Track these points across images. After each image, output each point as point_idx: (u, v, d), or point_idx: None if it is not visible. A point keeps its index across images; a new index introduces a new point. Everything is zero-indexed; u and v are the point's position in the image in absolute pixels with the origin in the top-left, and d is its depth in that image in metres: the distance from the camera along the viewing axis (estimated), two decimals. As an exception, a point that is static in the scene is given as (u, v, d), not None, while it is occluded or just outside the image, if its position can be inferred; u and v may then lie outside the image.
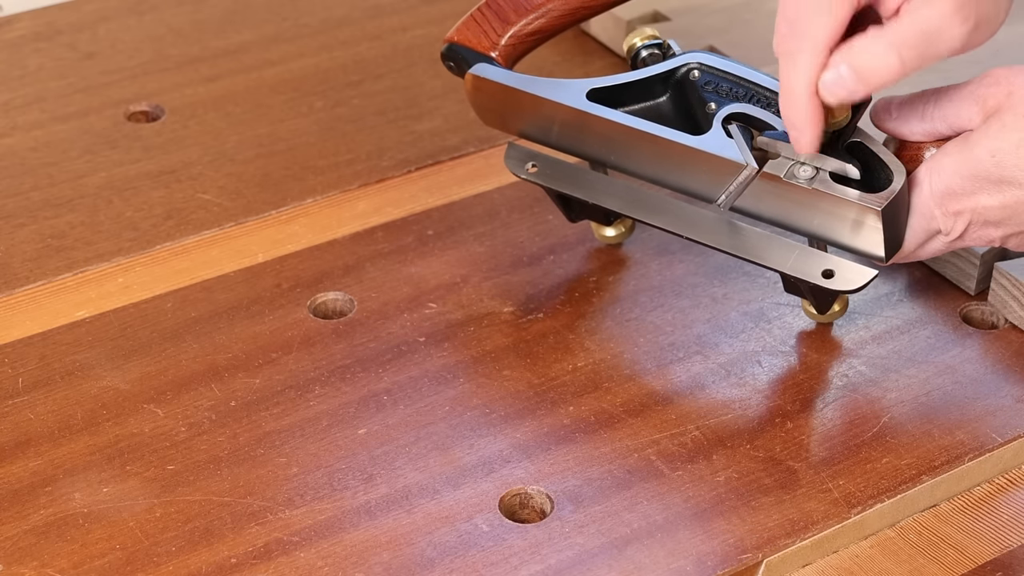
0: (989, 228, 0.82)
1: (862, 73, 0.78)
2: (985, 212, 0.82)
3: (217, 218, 0.97)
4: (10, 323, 0.89)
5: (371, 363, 0.87)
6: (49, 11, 1.15)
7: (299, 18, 1.15)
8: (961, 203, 0.82)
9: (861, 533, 0.80)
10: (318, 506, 0.78)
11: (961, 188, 0.81)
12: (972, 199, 0.81)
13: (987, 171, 0.80)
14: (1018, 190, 0.80)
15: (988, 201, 0.81)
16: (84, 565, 0.75)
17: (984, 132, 0.81)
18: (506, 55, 0.90)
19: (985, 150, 0.80)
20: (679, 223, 0.87)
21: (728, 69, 0.86)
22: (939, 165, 0.82)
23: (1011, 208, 0.81)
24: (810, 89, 0.79)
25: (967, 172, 0.81)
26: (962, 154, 0.81)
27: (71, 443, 0.81)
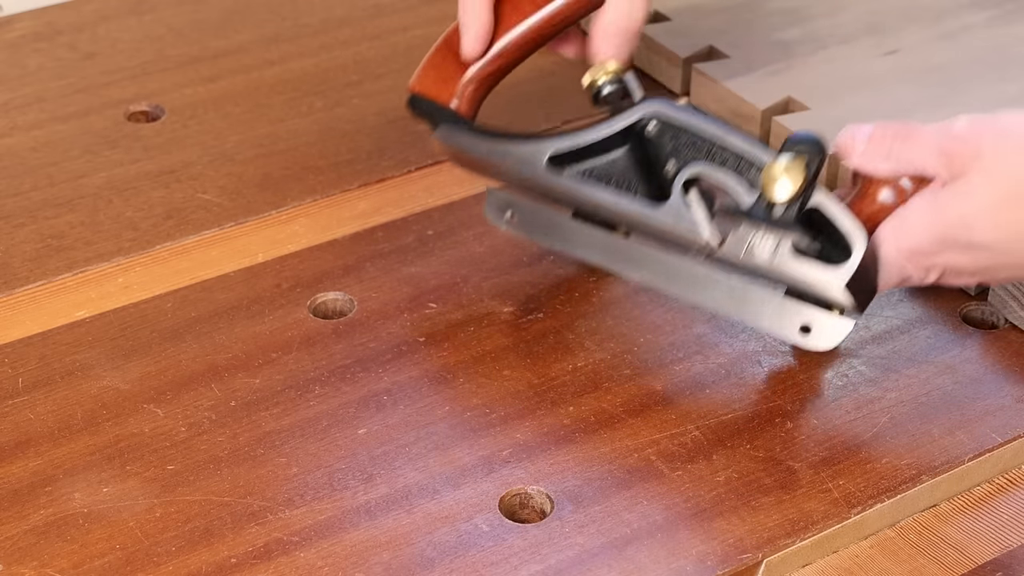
0: (964, 277, 0.82)
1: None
2: (957, 267, 0.81)
3: (217, 218, 0.97)
4: (10, 323, 0.89)
5: (371, 363, 0.87)
6: (49, 11, 1.15)
7: (299, 18, 1.15)
8: (932, 260, 0.81)
9: (861, 533, 0.80)
10: (318, 506, 0.78)
11: (931, 248, 0.80)
12: (943, 256, 0.81)
13: (956, 235, 0.79)
14: (989, 252, 0.79)
15: (960, 259, 0.80)
16: (84, 565, 0.75)
17: (953, 195, 0.79)
18: (469, 99, 0.90)
19: (955, 214, 0.79)
20: (656, 276, 0.87)
21: (686, 122, 0.84)
22: (907, 224, 0.81)
23: (983, 265, 0.81)
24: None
25: (936, 234, 0.80)
26: (931, 215, 0.80)
27: (71, 443, 0.81)
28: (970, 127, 0.79)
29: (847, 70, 1.06)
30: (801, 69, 1.05)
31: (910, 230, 0.81)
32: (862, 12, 1.12)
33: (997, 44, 1.09)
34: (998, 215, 0.78)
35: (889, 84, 1.04)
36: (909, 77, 1.05)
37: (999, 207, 0.78)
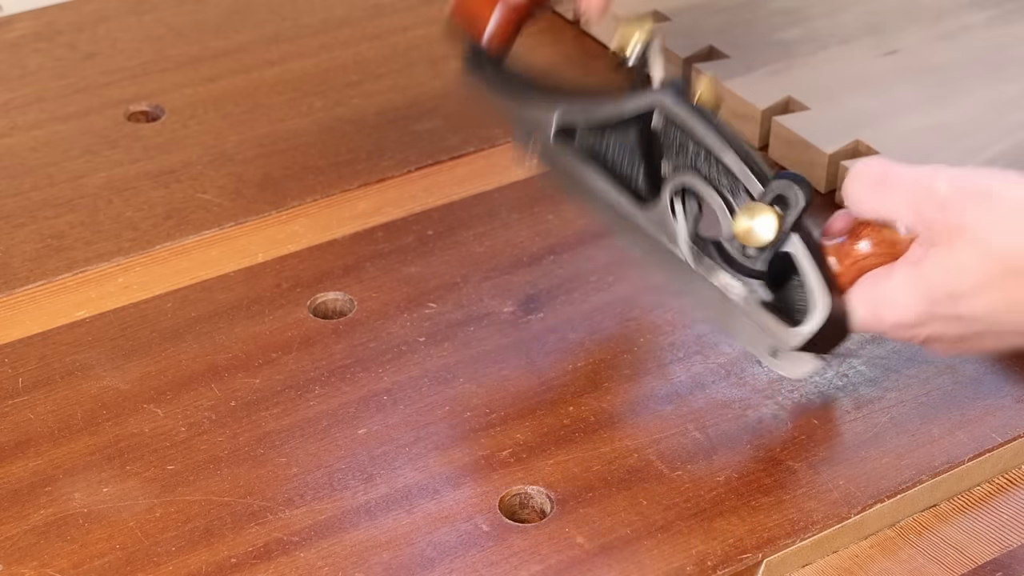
0: (949, 344, 0.79)
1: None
2: (944, 336, 0.78)
3: (217, 218, 0.97)
4: (10, 323, 0.89)
5: (371, 363, 0.87)
6: (49, 11, 1.15)
7: (299, 18, 1.15)
8: (916, 331, 0.78)
9: (861, 533, 0.80)
10: (318, 506, 0.78)
11: (916, 320, 0.77)
12: (928, 328, 0.77)
13: (945, 310, 0.76)
14: (979, 323, 0.76)
15: (947, 329, 0.77)
16: (84, 565, 0.75)
17: (940, 269, 0.76)
18: (501, 33, 0.87)
19: (943, 291, 0.76)
20: (653, 258, 0.85)
21: (689, 125, 0.81)
22: (889, 298, 0.77)
23: (971, 333, 0.77)
24: None
25: (923, 310, 0.77)
26: (916, 291, 0.76)
27: (71, 443, 0.81)
28: (953, 194, 0.75)
29: (847, 70, 1.06)
30: (801, 69, 1.05)
31: (893, 304, 0.77)
32: (862, 12, 1.12)
33: (997, 44, 1.09)
34: (991, 292, 0.75)
35: (889, 84, 1.04)
36: (909, 77, 1.05)
37: (991, 283, 0.75)
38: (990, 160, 0.97)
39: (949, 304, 0.76)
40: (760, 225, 0.77)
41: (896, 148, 0.98)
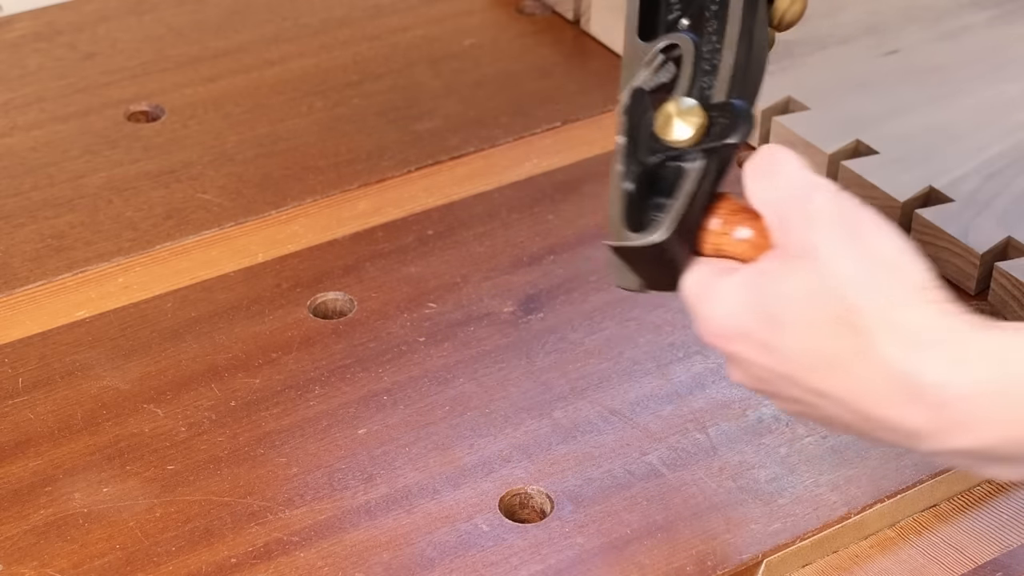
0: (750, 374, 0.71)
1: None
2: (748, 363, 0.70)
3: (217, 218, 0.97)
4: (10, 323, 0.89)
5: (371, 363, 0.87)
6: (49, 11, 1.15)
7: (299, 18, 1.15)
8: (724, 341, 0.70)
9: (861, 533, 0.80)
10: (318, 506, 0.78)
11: (729, 330, 0.70)
12: (737, 345, 0.70)
13: (760, 333, 0.68)
14: (786, 367, 0.68)
15: (754, 356, 0.69)
16: (84, 565, 0.75)
17: (773, 286, 0.68)
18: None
19: (765, 311, 0.68)
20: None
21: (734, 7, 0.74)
22: (718, 294, 0.70)
23: (772, 377, 0.69)
24: None
25: (740, 324, 0.69)
26: (744, 302, 0.69)
27: (71, 443, 0.81)
28: (824, 214, 0.68)
29: (847, 70, 1.06)
30: (801, 69, 1.05)
31: (717, 303, 0.70)
32: (862, 12, 1.12)
33: (997, 44, 1.09)
34: (811, 334, 0.66)
35: (889, 84, 1.04)
36: (909, 77, 1.05)
37: (815, 324, 0.66)
38: (990, 160, 0.97)
39: (766, 328, 0.68)
40: (680, 124, 0.72)
41: (896, 148, 0.98)
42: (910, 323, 0.65)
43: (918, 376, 0.64)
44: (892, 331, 0.65)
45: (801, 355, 0.67)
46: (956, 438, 0.65)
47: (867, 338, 0.65)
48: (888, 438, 0.68)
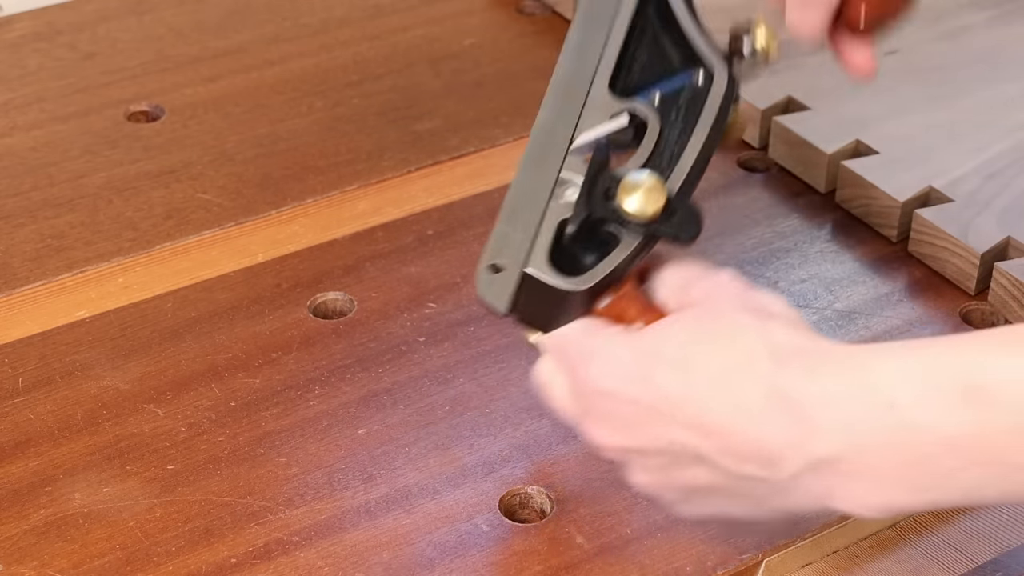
0: (612, 426, 0.71)
1: None
2: (603, 414, 0.71)
3: (217, 218, 0.97)
4: (10, 323, 0.89)
5: (371, 363, 0.87)
6: (49, 11, 1.15)
7: (299, 18, 1.15)
8: (582, 388, 0.71)
9: (861, 533, 0.80)
10: (318, 506, 0.78)
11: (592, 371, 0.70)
12: (593, 402, 0.71)
13: (645, 368, 0.69)
14: (665, 405, 0.68)
15: (608, 406, 0.70)
16: (84, 565, 0.75)
17: (654, 330, 0.70)
18: None
19: (650, 347, 0.69)
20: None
21: (711, 120, 0.75)
22: (597, 345, 0.71)
23: (643, 420, 0.69)
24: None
25: (628, 366, 0.70)
26: (625, 345, 0.70)
27: (71, 443, 0.81)
28: (726, 288, 0.71)
29: (847, 70, 1.06)
30: (801, 69, 1.05)
31: (594, 351, 0.71)
32: (862, 12, 1.11)
33: (997, 44, 1.09)
34: (689, 376, 0.68)
35: (889, 84, 1.04)
36: (909, 77, 1.05)
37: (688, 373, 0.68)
38: (990, 160, 0.97)
39: (649, 363, 0.69)
40: (642, 199, 0.72)
41: (896, 148, 0.98)
42: (780, 341, 0.67)
43: (784, 387, 0.66)
44: (768, 350, 0.67)
45: (682, 385, 0.68)
46: (813, 446, 0.65)
47: (748, 358, 0.67)
48: (749, 474, 0.67)
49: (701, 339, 0.69)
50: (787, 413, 0.66)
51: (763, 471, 0.67)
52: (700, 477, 0.69)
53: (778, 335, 0.68)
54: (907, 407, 0.63)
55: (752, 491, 0.68)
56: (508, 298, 0.73)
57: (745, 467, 0.67)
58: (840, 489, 0.66)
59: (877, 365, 0.65)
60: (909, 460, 0.64)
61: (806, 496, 0.67)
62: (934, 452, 0.63)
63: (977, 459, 0.63)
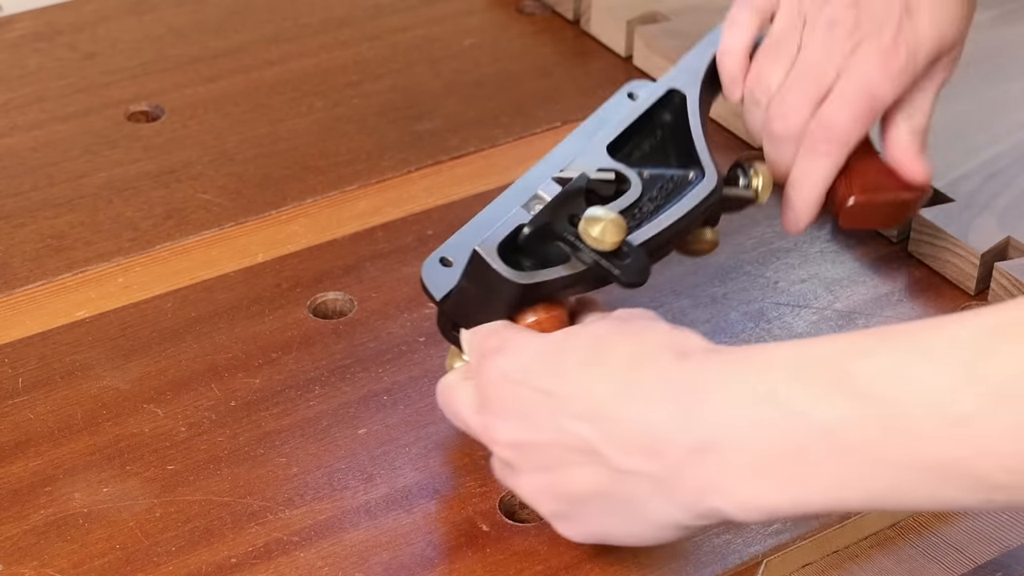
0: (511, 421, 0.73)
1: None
2: (499, 401, 0.73)
3: (217, 218, 0.97)
4: (10, 323, 0.89)
5: (371, 363, 0.87)
6: (49, 11, 1.15)
7: (299, 18, 1.15)
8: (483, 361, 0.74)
9: (861, 533, 0.80)
10: (318, 506, 0.78)
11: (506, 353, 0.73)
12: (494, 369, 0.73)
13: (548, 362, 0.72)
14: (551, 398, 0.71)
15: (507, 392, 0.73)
16: (84, 565, 0.75)
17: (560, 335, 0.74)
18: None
19: (556, 341, 0.73)
20: None
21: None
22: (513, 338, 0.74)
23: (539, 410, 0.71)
24: (825, 188, 0.84)
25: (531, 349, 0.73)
26: (536, 338, 0.74)
27: (71, 443, 0.81)
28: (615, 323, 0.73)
29: (847, 70, 1.05)
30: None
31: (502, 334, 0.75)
32: (862, 12, 1.11)
33: (997, 44, 1.09)
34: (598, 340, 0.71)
35: (889, 84, 1.04)
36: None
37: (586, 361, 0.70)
38: (990, 160, 0.97)
39: (561, 355, 0.71)
40: (604, 229, 0.75)
41: (896, 148, 0.98)
42: (689, 342, 0.70)
43: (679, 376, 0.68)
44: (674, 346, 0.69)
45: (587, 376, 0.70)
46: (696, 428, 0.66)
47: (652, 351, 0.69)
48: (634, 467, 0.68)
49: (611, 336, 0.71)
50: (676, 399, 0.66)
51: (648, 463, 0.67)
52: (584, 478, 0.69)
53: (690, 338, 0.70)
54: (784, 393, 0.64)
55: (635, 491, 0.68)
56: (443, 283, 0.78)
57: (631, 459, 0.67)
58: (719, 480, 0.65)
59: (765, 355, 0.66)
60: (783, 448, 0.64)
61: (687, 494, 0.67)
62: (806, 442, 0.63)
63: (843, 450, 0.63)
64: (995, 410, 0.60)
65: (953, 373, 0.61)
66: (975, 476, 0.61)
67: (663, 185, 0.81)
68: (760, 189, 0.85)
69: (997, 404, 0.60)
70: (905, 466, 0.62)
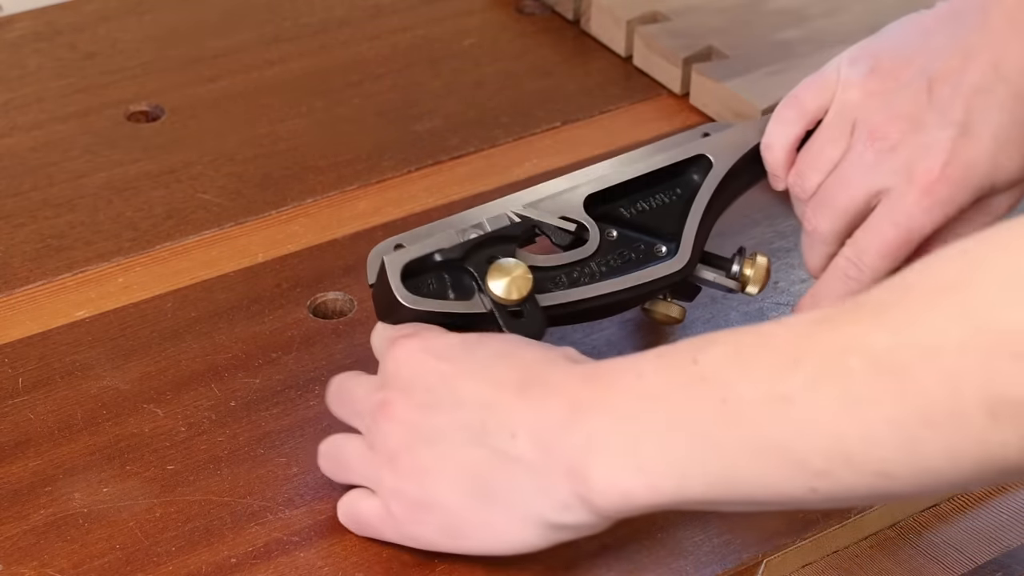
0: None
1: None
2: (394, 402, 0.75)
3: (217, 218, 0.97)
4: (10, 323, 0.89)
5: (371, 363, 0.86)
6: (49, 11, 1.15)
7: (299, 18, 1.15)
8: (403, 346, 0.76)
9: (861, 533, 0.80)
10: (318, 506, 0.78)
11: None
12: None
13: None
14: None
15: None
16: (84, 565, 0.75)
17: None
18: None
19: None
20: None
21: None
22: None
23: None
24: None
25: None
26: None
27: (71, 443, 0.81)
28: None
29: (847, 70, 1.05)
30: (801, 69, 1.05)
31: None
32: (862, 12, 1.12)
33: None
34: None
35: (889, 84, 1.04)
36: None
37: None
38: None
39: (476, 343, 0.74)
40: (504, 285, 0.78)
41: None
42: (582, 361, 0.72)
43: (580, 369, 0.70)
44: (576, 359, 0.73)
45: (498, 359, 0.72)
46: (581, 417, 0.68)
47: (558, 355, 0.72)
48: (516, 452, 0.70)
49: (521, 342, 0.74)
50: (567, 395, 0.69)
51: (531, 450, 0.69)
52: (464, 457, 0.71)
53: (584, 356, 0.73)
54: (646, 381, 0.66)
55: (510, 479, 0.70)
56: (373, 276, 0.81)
57: (516, 444, 0.69)
58: (584, 463, 0.67)
59: (641, 353, 0.68)
60: (641, 433, 0.66)
61: (556, 479, 0.68)
62: (656, 427, 0.65)
63: (688, 434, 0.65)
64: (816, 388, 0.61)
65: (783, 353, 0.62)
66: (796, 460, 0.62)
67: (624, 252, 0.82)
68: (749, 279, 0.84)
69: (818, 382, 0.61)
70: (737, 449, 0.63)
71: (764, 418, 0.62)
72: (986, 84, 0.76)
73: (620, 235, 0.83)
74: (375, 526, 0.75)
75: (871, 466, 0.60)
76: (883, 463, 0.60)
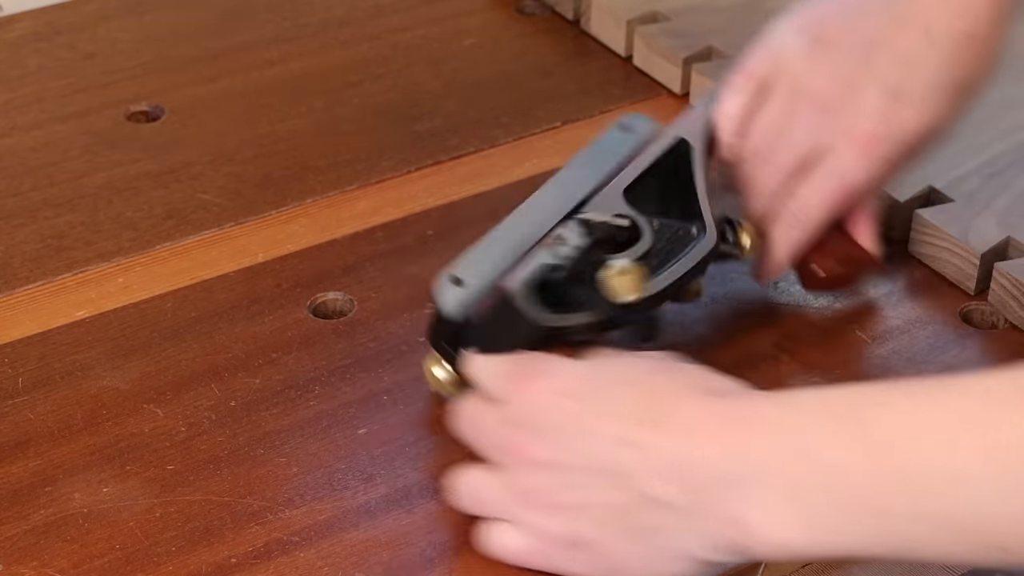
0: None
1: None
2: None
3: (217, 218, 0.97)
4: (10, 323, 0.89)
5: (371, 363, 0.87)
6: (49, 11, 1.15)
7: (299, 18, 1.15)
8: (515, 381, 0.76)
9: (861, 533, 0.80)
10: (318, 506, 0.78)
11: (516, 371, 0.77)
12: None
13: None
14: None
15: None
16: (84, 565, 0.75)
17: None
18: None
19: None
20: None
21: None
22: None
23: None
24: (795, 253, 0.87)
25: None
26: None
27: (71, 443, 0.81)
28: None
29: (847, 70, 1.05)
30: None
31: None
32: (862, 12, 1.11)
33: (998, 44, 1.09)
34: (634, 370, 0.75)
35: (889, 84, 1.04)
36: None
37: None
38: (990, 160, 0.97)
39: (603, 376, 0.75)
40: (621, 281, 0.78)
41: (896, 148, 0.98)
42: (715, 382, 0.73)
43: (720, 406, 0.70)
44: (706, 385, 0.72)
45: (629, 399, 0.72)
46: (733, 461, 0.67)
47: (689, 386, 0.72)
48: (665, 497, 0.69)
49: (646, 368, 0.74)
50: (714, 435, 0.68)
51: (681, 494, 0.68)
52: (611, 502, 0.70)
53: (721, 379, 0.73)
54: (810, 439, 0.66)
55: (659, 521, 0.69)
56: (461, 309, 0.80)
57: (665, 488, 0.69)
58: (744, 513, 0.67)
59: (793, 400, 0.68)
60: (804, 488, 0.65)
61: (710, 525, 0.68)
62: (823, 484, 0.65)
63: (855, 496, 0.65)
64: (999, 476, 0.61)
65: (962, 431, 0.62)
66: (980, 536, 0.62)
67: (670, 236, 0.84)
68: (745, 245, 0.87)
69: (1002, 470, 0.61)
70: (911, 517, 0.63)
71: (942, 493, 0.62)
72: (918, 50, 0.83)
73: (659, 223, 0.84)
74: (525, 560, 0.74)
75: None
76: None
